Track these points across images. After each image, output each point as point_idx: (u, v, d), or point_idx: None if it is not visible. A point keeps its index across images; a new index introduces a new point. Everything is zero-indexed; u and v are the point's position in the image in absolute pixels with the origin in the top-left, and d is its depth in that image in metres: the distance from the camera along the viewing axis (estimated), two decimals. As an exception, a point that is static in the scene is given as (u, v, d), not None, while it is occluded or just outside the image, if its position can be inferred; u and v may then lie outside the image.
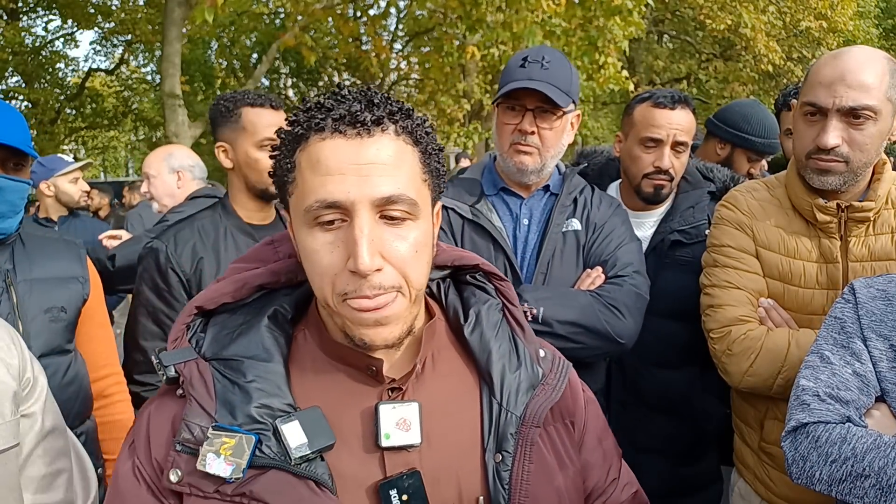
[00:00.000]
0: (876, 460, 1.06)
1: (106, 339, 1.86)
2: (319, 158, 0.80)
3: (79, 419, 1.68)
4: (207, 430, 0.80)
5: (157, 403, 0.88)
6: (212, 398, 0.83)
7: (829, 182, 1.47)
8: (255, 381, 0.84)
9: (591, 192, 1.87)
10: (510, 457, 0.89)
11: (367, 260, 0.77)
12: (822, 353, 1.24)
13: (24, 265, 1.65)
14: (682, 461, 2.04)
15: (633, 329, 1.68)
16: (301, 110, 0.84)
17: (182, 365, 0.84)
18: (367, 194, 0.78)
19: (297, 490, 0.80)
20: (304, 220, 0.81)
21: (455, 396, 0.93)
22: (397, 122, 0.83)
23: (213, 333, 0.89)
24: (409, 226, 0.82)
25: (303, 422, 0.82)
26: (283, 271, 0.94)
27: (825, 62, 1.46)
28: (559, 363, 1.00)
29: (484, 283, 1.02)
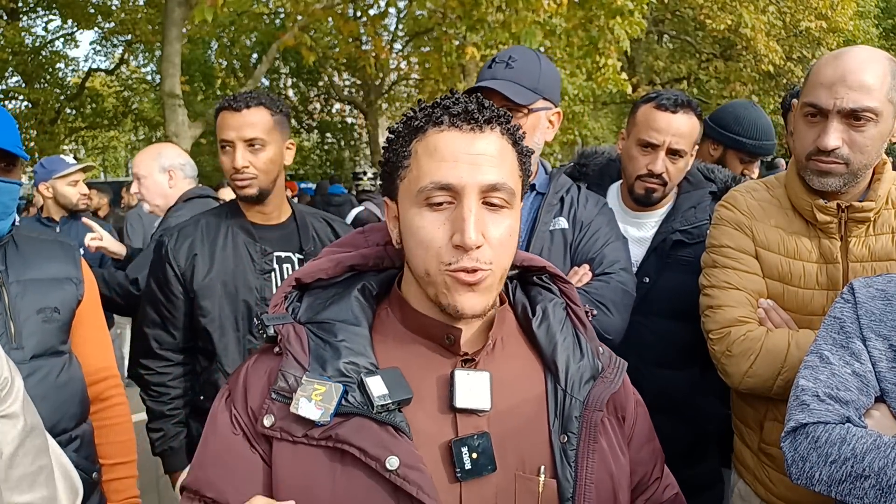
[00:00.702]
0: (876, 461, 1.06)
1: (102, 341, 1.84)
2: (437, 147, 0.91)
3: (74, 421, 1.66)
4: (301, 378, 0.91)
5: (255, 360, 1.00)
6: (305, 353, 0.94)
7: (828, 184, 1.47)
8: (344, 340, 0.95)
9: (577, 191, 1.89)
10: (575, 437, 0.97)
11: (473, 235, 0.87)
12: (822, 353, 1.23)
13: (18, 266, 1.64)
14: (683, 462, 2.02)
15: (621, 325, 1.70)
16: (418, 109, 0.96)
17: (280, 326, 0.96)
18: (477, 180, 0.89)
19: (378, 434, 0.89)
20: (416, 200, 0.92)
21: (522, 377, 1.01)
22: (502, 125, 0.95)
23: (308, 303, 1.02)
24: (505, 213, 0.93)
25: (384, 377, 0.93)
26: (371, 256, 1.07)
27: (826, 62, 1.44)
28: (616, 360, 1.08)
29: (549, 284, 1.11)
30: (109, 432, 1.82)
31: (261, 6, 13.60)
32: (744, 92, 15.31)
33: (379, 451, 0.88)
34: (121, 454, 1.83)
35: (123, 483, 1.83)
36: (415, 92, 16.21)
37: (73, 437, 1.65)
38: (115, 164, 30.29)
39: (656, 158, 1.91)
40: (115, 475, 1.81)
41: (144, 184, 2.88)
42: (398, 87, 17.72)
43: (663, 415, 2.00)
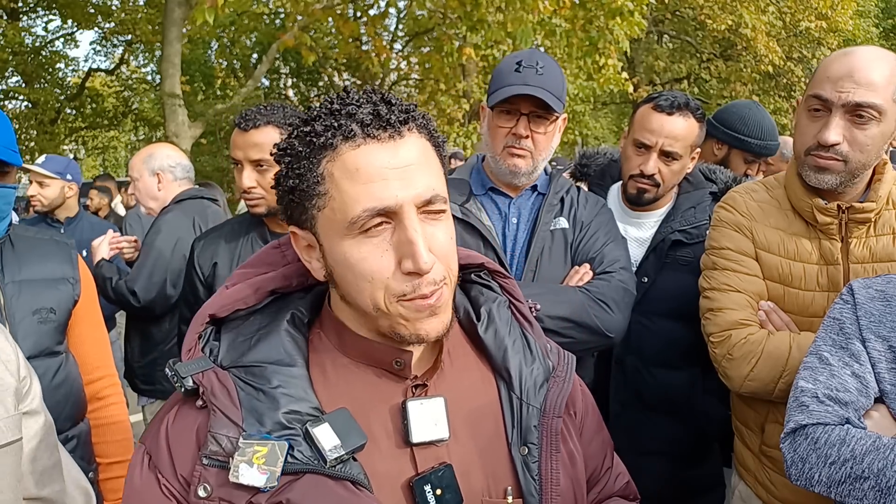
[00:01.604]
0: (875, 462, 1.05)
1: (99, 340, 1.84)
2: (358, 166, 0.79)
3: (70, 422, 1.67)
4: (236, 440, 0.79)
5: (175, 415, 0.85)
6: (237, 407, 0.81)
7: (825, 180, 1.46)
8: (280, 386, 0.83)
9: (577, 191, 1.90)
10: (536, 448, 0.92)
11: (426, 258, 0.79)
12: (821, 355, 1.23)
13: (13, 267, 1.64)
14: (684, 464, 2.03)
15: (622, 323, 1.71)
16: (310, 120, 0.83)
17: (200, 375, 0.82)
18: (413, 196, 0.80)
19: (335, 492, 0.79)
20: (347, 231, 0.80)
21: (475, 392, 0.94)
22: (416, 120, 0.84)
23: (229, 341, 0.88)
24: (442, 219, 0.85)
25: (333, 424, 0.82)
26: (294, 275, 0.94)
27: (835, 58, 1.44)
28: (565, 356, 1.03)
29: (488, 281, 1.04)
30: (107, 431, 1.82)
31: (261, 6, 13.59)
32: (744, 92, 15.32)
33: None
34: (118, 453, 1.84)
35: (120, 482, 1.83)
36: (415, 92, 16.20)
37: (70, 438, 1.66)
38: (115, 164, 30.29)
39: (648, 159, 1.91)
40: (111, 474, 1.82)
41: (137, 186, 2.91)
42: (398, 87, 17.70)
43: (663, 415, 2.01)
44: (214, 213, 2.90)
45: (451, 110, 11.33)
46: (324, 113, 0.82)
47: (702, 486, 2.07)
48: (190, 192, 2.87)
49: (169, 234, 2.68)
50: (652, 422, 2.00)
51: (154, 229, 2.73)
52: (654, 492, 2.01)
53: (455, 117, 11.50)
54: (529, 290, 1.66)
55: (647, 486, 2.00)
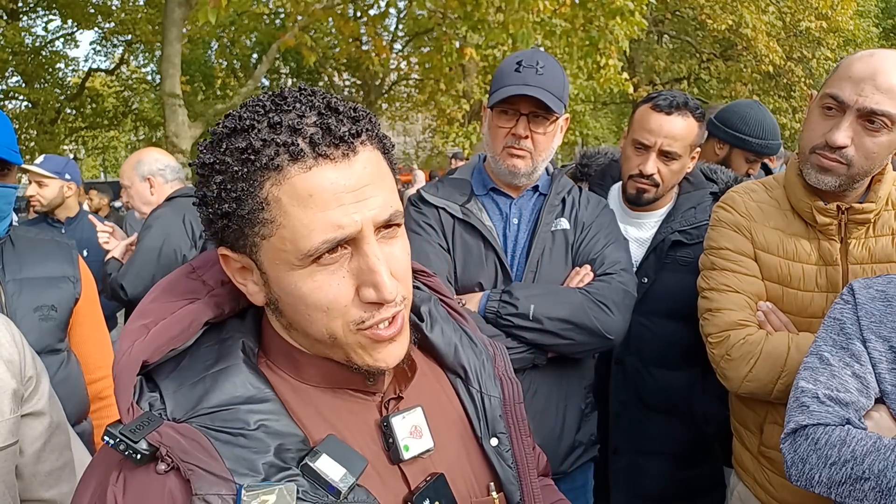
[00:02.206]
0: (876, 463, 1.05)
1: (101, 340, 1.85)
2: (311, 192, 0.69)
3: (72, 420, 1.66)
4: (232, 496, 0.68)
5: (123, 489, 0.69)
6: (217, 459, 0.69)
7: (825, 181, 1.45)
8: (262, 424, 0.73)
9: (578, 192, 1.89)
10: (506, 437, 0.91)
11: (390, 287, 0.72)
12: (822, 355, 1.22)
13: (14, 266, 1.65)
14: (684, 464, 2.03)
15: (622, 325, 1.71)
16: (242, 130, 0.70)
17: (156, 435, 0.68)
18: (371, 218, 0.72)
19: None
20: (299, 262, 0.71)
21: (437, 394, 0.92)
22: (366, 129, 0.74)
23: (173, 388, 0.74)
24: (399, 235, 0.78)
25: (330, 453, 0.75)
26: (224, 302, 0.81)
27: (859, 58, 1.40)
28: (497, 345, 1.02)
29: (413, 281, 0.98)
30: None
31: (261, 6, 13.59)
32: (744, 92, 15.32)
33: None
34: None
35: None
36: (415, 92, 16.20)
37: None
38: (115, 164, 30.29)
39: (647, 159, 1.91)
40: None
41: (130, 193, 2.94)
42: (398, 87, 17.70)
43: (663, 415, 2.01)
44: None
45: (451, 110, 11.33)
46: (260, 124, 0.70)
47: (702, 486, 2.07)
48: (182, 191, 2.89)
49: (158, 232, 2.70)
50: (652, 422, 2.00)
51: (145, 226, 2.77)
52: (654, 492, 2.01)
53: (455, 117, 11.50)
54: (529, 291, 1.66)
55: (647, 486, 2.02)
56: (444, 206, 1.76)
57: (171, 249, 2.68)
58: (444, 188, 1.83)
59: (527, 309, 1.62)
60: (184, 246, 2.74)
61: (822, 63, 15.44)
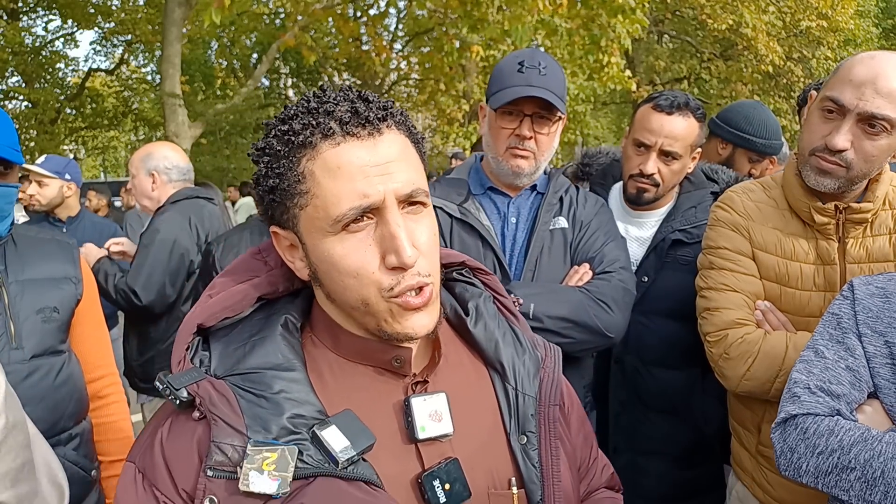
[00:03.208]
0: (862, 453, 1.05)
1: (101, 340, 1.85)
2: (339, 164, 0.79)
3: (73, 420, 1.67)
4: (243, 448, 0.77)
5: (168, 429, 0.82)
6: (238, 415, 0.79)
7: (824, 184, 1.46)
8: (282, 391, 0.81)
9: (576, 191, 1.90)
10: (535, 436, 0.93)
11: (409, 251, 0.79)
12: (817, 348, 1.23)
13: (16, 266, 1.64)
14: (683, 463, 2.03)
15: (622, 323, 1.71)
16: (288, 119, 0.82)
17: (195, 386, 0.80)
18: (394, 190, 0.80)
19: (350, 494, 0.78)
20: (331, 229, 0.80)
21: (471, 385, 0.95)
22: (394, 117, 0.84)
23: (220, 350, 0.85)
24: (424, 213, 0.84)
25: (340, 425, 0.81)
26: (279, 280, 0.92)
27: (860, 61, 1.40)
28: (551, 348, 1.04)
29: (470, 278, 1.04)
30: (108, 429, 1.83)
31: (261, 6, 13.59)
32: (744, 92, 15.31)
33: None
34: (120, 451, 1.84)
35: None
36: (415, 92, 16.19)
37: (73, 436, 1.66)
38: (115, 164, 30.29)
39: (647, 159, 1.91)
40: (114, 472, 1.82)
41: (133, 182, 2.93)
42: (398, 87, 17.70)
43: (663, 415, 2.01)
44: (211, 213, 2.91)
45: (451, 110, 11.33)
46: (301, 111, 0.81)
47: (701, 486, 2.07)
48: (185, 192, 2.88)
49: (166, 235, 2.69)
50: (651, 421, 2.00)
51: (151, 229, 2.74)
52: (654, 492, 2.01)
53: (455, 117, 11.50)
54: (529, 289, 1.67)
55: (646, 486, 2.02)
56: (441, 206, 1.76)
57: (179, 253, 2.68)
58: (440, 188, 1.83)
59: (527, 308, 1.62)
60: (192, 249, 2.74)
61: (821, 63, 15.44)
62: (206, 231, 2.82)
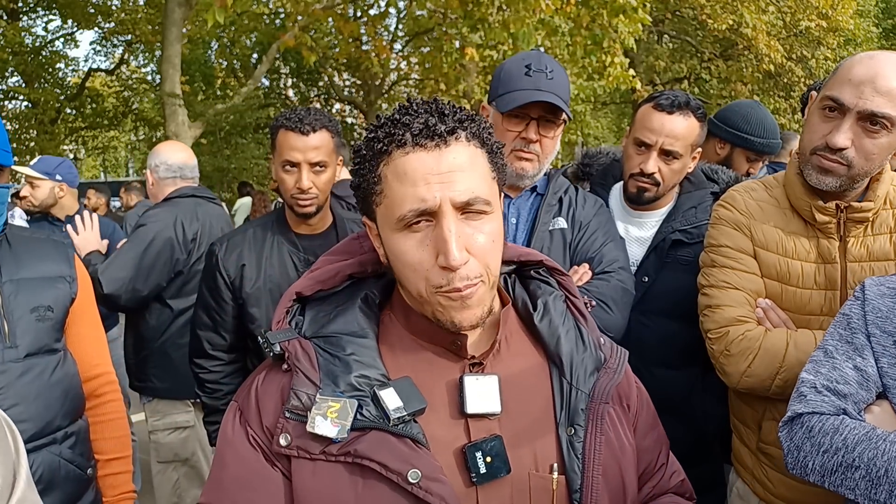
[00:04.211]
0: (866, 451, 1.06)
1: (97, 338, 1.84)
2: (406, 170, 0.90)
3: (68, 418, 1.67)
4: (314, 396, 0.91)
5: (265, 376, 0.98)
6: (315, 370, 0.94)
7: (826, 182, 1.46)
8: (353, 354, 0.95)
9: (575, 191, 1.91)
10: (582, 430, 0.98)
11: (457, 255, 0.88)
12: (826, 348, 1.25)
13: (11, 265, 1.64)
14: (683, 463, 2.02)
15: (621, 322, 1.73)
16: (377, 127, 0.94)
17: (286, 342, 0.96)
18: (450, 198, 0.89)
19: (398, 447, 0.89)
20: (396, 226, 0.91)
21: (528, 374, 1.02)
22: (467, 129, 0.93)
23: (311, 316, 1.01)
24: (485, 219, 0.93)
25: (397, 388, 0.93)
26: (369, 262, 1.06)
27: (859, 60, 1.42)
28: (617, 350, 1.09)
29: (547, 277, 1.12)
30: (105, 428, 1.83)
31: (261, 6, 13.60)
32: (744, 92, 15.31)
33: (400, 465, 0.88)
34: (116, 450, 1.84)
35: (119, 478, 1.83)
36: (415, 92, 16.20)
37: (69, 434, 1.66)
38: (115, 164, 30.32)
39: (648, 158, 1.92)
40: (110, 470, 1.82)
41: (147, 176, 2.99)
42: (398, 87, 17.70)
43: (663, 415, 2.00)
44: (207, 212, 2.90)
45: (450, 110, 11.27)
46: (388, 122, 0.93)
47: (701, 486, 2.06)
48: (181, 191, 2.89)
49: (146, 230, 2.71)
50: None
51: (137, 224, 2.78)
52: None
53: (455, 117, 11.45)
54: None
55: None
56: None
57: (155, 251, 2.68)
58: None
59: None
60: (172, 249, 2.73)
61: (821, 63, 15.44)
62: (197, 230, 2.82)
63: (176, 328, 2.81)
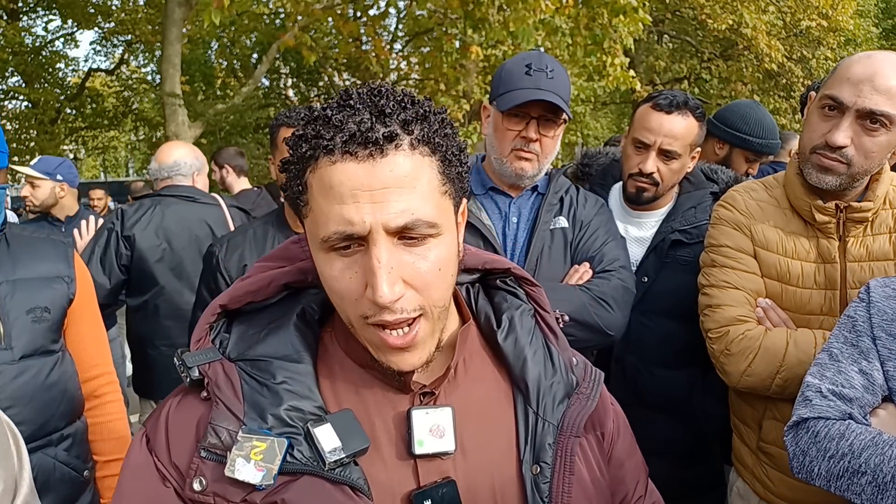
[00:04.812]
0: (872, 457, 1.06)
1: (97, 338, 1.83)
2: (331, 184, 0.73)
3: (65, 420, 1.66)
4: (236, 433, 0.77)
5: (177, 404, 0.83)
6: (239, 400, 0.79)
7: (826, 181, 1.47)
8: (284, 382, 0.80)
9: (576, 191, 1.91)
10: (549, 468, 0.86)
11: (386, 291, 0.73)
12: (831, 351, 1.24)
13: (7, 266, 1.63)
14: (684, 463, 2.03)
15: (622, 321, 1.73)
16: (306, 122, 0.77)
17: (206, 366, 0.81)
18: (383, 222, 0.73)
19: (333, 496, 0.76)
20: (321, 246, 0.77)
21: (489, 403, 0.89)
22: (412, 133, 0.75)
23: (239, 333, 0.86)
24: (430, 244, 0.77)
25: (335, 425, 0.79)
26: (310, 270, 0.87)
27: (858, 59, 1.43)
28: (591, 372, 0.96)
29: (514, 287, 0.98)
30: (104, 429, 1.82)
31: (261, 6, 13.59)
32: (744, 92, 15.30)
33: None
34: (115, 451, 1.83)
35: (116, 480, 1.83)
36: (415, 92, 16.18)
37: (65, 436, 1.65)
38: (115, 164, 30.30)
39: (647, 158, 1.92)
40: (108, 472, 1.81)
41: None
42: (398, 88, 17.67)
43: (663, 415, 2.01)
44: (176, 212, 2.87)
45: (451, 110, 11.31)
46: (320, 118, 0.76)
47: (702, 486, 2.07)
48: (168, 190, 2.91)
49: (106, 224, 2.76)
50: (651, 421, 2.00)
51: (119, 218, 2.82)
52: (652, 490, 2.02)
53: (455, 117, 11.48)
54: None
55: (645, 485, 2.02)
56: None
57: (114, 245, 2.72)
58: None
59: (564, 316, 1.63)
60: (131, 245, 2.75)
61: (821, 63, 15.43)
62: (166, 229, 2.81)
63: None
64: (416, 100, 0.79)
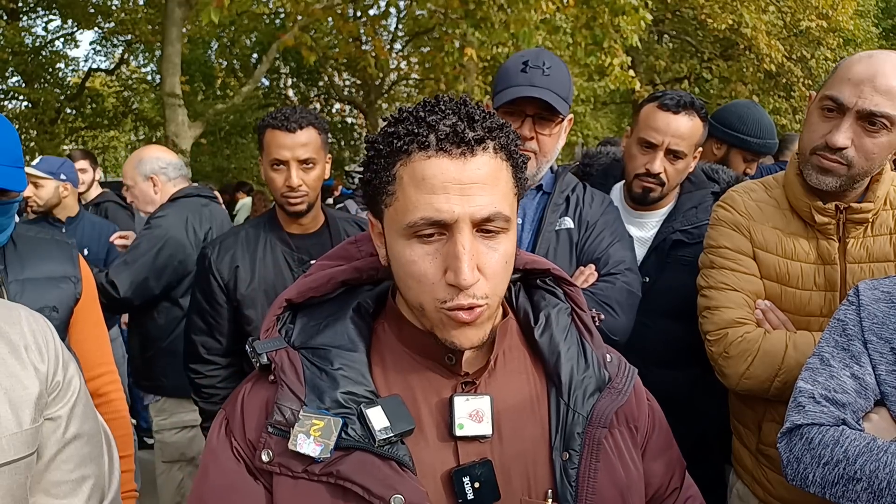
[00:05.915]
0: (867, 464, 1.05)
1: (100, 338, 1.85)
2: (424, 176, 0.83)
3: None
4: (298, 412, 0.87)
5: (251, 386, 0.95)
6: (301, 384, 0.90)
7: (826, 182, 1.46)
8: (341, 368, 0.91)
9: (582, 190, 1.89)
10: (577, 455, 0.93)
11: (468, 275, 0.82)
12: (822, 356, 1.23)
13: (16, 266, 1.65)
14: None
15: (627, 326, 1.71)
16: (397, 121, 0.87)
17: (273, 353, 0.92)
18: (469, 213, 0.83)
19: (381, 470, 0.85)
20: (404, 232, 0.85)
21: (524, 394, 0.97)
22: (496, 139, 0.86)
23: (302, 324, 0.97)
24: (501, 239, 0.87)
25: (385, 407, 0.89)
26: (365, 269, 1.01)
27: (858, 60, 1.42)
28: (625, 369, 1.03)
29: (553, 287, 1.06)
30: (108, 426, 1.82)
31: (261, 6, 13.57)
32: (744, 92, 15.29)
33: (382, 489, 0.84)
34: (119, 448, 1.83)
35: (122, 477, 1.84)
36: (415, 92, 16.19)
37: None
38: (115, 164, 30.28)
39: (654, 158, 1.91)
40: None
41: (133, 192, 2.93)
42: (398, 87, 17.68)
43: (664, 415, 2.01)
44: (212, 211, 2.90)
45: (451, 110, 11.25)
46: (410, 117, 0.86)
47: (701, 486, 2.06)
48: (185, 191, 2.89)
49: (159, 231, 2.70)
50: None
51: (146, 226, 2.76)
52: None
53: (455, 117, 11.43)
54: None
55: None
56: None
57: (168, 253, 2.68)
58: None
59: None
60: (183, 249, 2.73)
61: (821, 63, 15.42)
62: (206, 229, 2.83)
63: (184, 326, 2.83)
64: (494, 112, 0.90)
